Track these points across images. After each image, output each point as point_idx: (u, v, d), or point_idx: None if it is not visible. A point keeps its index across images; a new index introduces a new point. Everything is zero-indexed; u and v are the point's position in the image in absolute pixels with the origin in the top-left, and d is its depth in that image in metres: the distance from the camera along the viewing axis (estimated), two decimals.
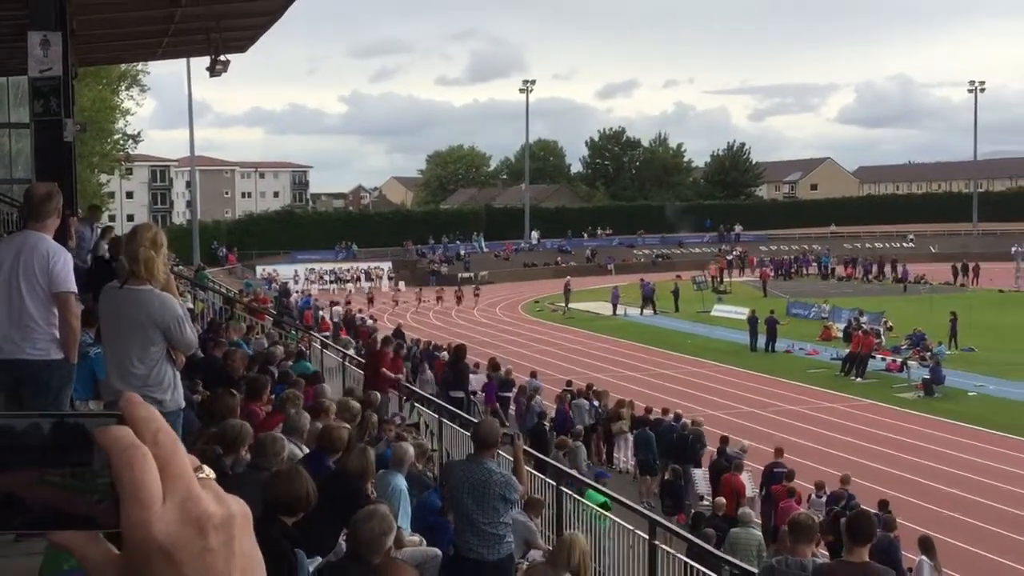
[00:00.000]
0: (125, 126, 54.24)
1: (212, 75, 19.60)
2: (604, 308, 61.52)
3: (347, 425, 9.64)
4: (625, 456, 26.33)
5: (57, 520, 0.97)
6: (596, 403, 27.91)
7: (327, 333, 38.27)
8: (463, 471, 8.96)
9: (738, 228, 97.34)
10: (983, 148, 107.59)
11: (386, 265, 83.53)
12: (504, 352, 43.05)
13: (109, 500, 0.96)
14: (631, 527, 11.48)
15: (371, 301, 63.74)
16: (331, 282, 78.21)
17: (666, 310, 60.72)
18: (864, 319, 47.55)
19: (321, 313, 49.11)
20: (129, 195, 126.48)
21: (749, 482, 21.78)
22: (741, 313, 51.75)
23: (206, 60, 19.79)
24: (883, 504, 18.67)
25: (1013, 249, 75.77)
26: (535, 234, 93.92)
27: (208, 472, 1.02)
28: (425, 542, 10.17)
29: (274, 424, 9.69)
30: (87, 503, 0.97)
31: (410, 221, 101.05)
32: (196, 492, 0.97)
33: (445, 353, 30.15)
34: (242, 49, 20.75)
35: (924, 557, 17.04)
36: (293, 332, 26.45)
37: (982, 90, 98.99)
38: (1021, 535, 22.22)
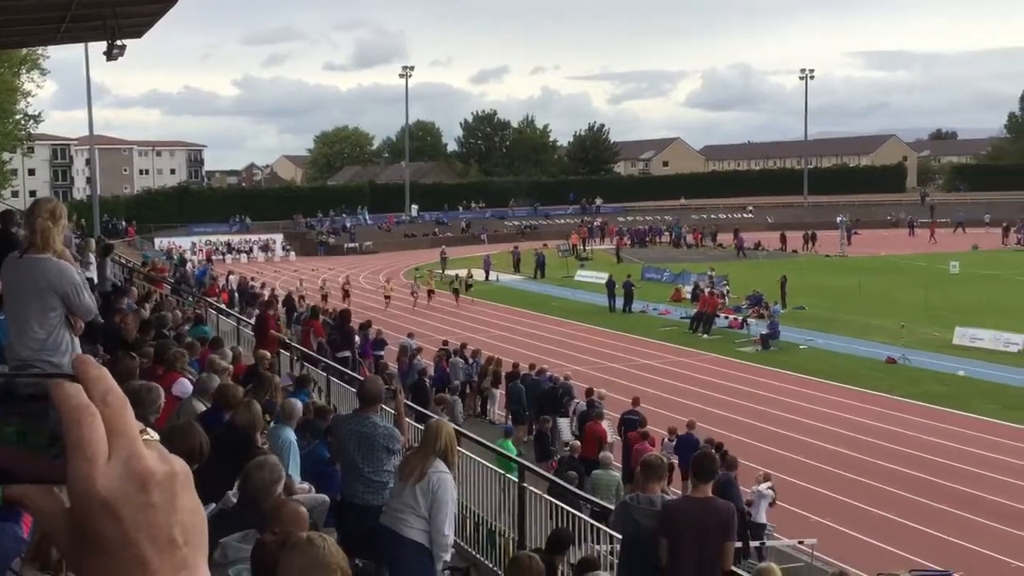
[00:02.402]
0: (27, 107, 52.28)
1: (109, 59, 19.01)
2: (478, 274, 61.68)
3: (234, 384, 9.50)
4: (497, 409, 26.50)
5: (12, 474, 0.95)
6: (472, 361, 28.02)
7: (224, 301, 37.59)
8: (349, 425, 8.92)
9: (598, 201, 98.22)
10: (812, 129, 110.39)
11: (278, 237, 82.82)
12: (386, 314, 42.83)
13: (63, 456, 0.94)
14: (502, 472, 11.55)
15: (327, 287, 62.56)
16: (225, 253, 76.97)
17: (530, 275, 61.19)
18: (716, 280, 48.45)
19: (218, 281, 48.18)
20: (31, 172, 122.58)
21: (610, 429, 22.07)
22: (601, 278, 52.33)
23: (103, 45, 19.17)
24: (719, 447, 19.03)
25: (838, 219, 77.83)
26: (415, 207, 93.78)
27: (152, 434, 0.99)
28: (314, 489, 10.10)
29: (169, 382, 9.51)
30: (42, 458, 0.94)
31: (300, 196, 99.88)
32: (140, 450, 0.95)
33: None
34: (138, 35, 20.10)
35: (759, 489, 17.57)
36: (190, 299, 25.92)
37: (812, 77, 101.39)
38: (844, 471, 22.98)
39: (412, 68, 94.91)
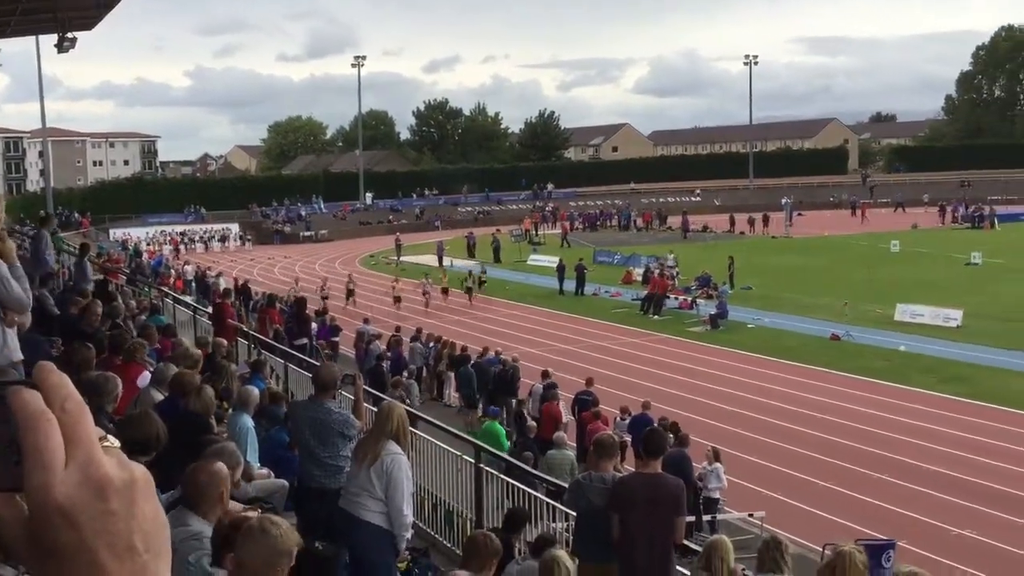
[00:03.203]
0: None
1: (60, 51, 18.77)
2: (432, 260, 61.63)
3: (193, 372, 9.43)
4: (453, 391, 26.54)
5: None
6: (427, 345, 28.02)
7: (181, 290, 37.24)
8: (306, 411, 8.89)
9: (550, 186, 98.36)
10: (757, 113, 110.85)
11: (233, 227, 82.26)
12: (343, 301, 42.63)
13: (23, 463, 0.92)
14: (459, 453, 11.55)
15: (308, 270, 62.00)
16: (182, 243, 76.31)
17: (486, 260, 61.12)
18: (668, 262, 48.61)
19: (173, 271, 47.75)
20: None
21: (565, 410, 22.13)
22: (553, 262, 52.39)
23: (55, 37, 18.90)
24: (674, 427, 19.15)
25: (783, 201, 78.51)
26: (369, 195, 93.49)
27: (113, 441, 0.98)
28: (273, 474, 10.06)
29: (128, 372, 9.41)
30: (4, 465, 0.92)
31: (254, 186, 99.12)
32: (98, 457, 0.93)
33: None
34: (88, 27, 19.86)
35: (709, 465, 17.72)
36: (146, 289, 25.65)
37: (756, 63, 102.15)
38: (791, 445, 23.25)
39: (364, 58, 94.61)
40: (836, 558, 5.60)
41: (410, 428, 8.80)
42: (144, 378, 9.79)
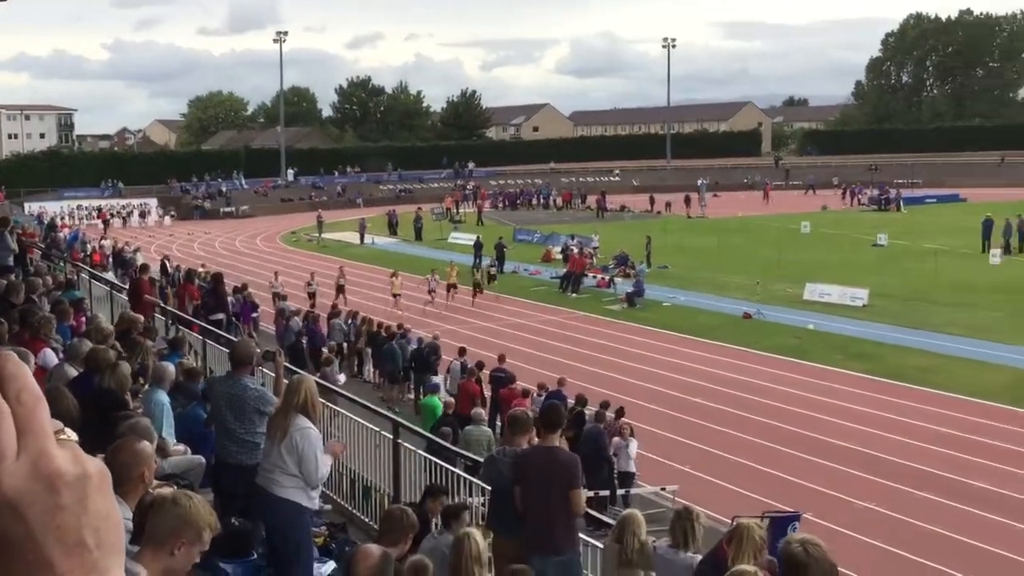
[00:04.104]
0: None
1: None
2: (353, 237, 61.30)
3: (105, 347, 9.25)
4: (371, 368, 26.50)
5: None
6: (347, 322, 27.86)
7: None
8: (222, 387, 8.79)
9: (471, 165, 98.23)
10: (675, 96, 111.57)
11: (152, 201, 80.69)
12: (263, 278, 42.12)
13: None
14: (377, 429, 11.51)
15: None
16: (99, 218, 74.60)
17: (408, 238, 61.08)
18: (593, 242, 48.89)
19: (91, 246, 46.67)
20: None
21: (485, 386, 22.17)
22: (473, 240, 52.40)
23: None
24: (620, 410, 19.33)
25: (699, 182, 79.40)
26: (291, 172, 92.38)
27: (70, 434, 0.95)
28: (190, 451, 9.94)
29: (35, 349, 9.21)
30: None
31: (173, 161, 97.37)
32: (50, 450, 0.90)
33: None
34: None
35: (621, 440, 17.90)
36: (61, 264, 25.07)
37: (674, 46, 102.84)
38: (703, 420, 23.61)
39: (286, 34, 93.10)
40: (735, 531, 5.71)
41: (322, 401, 8.72)
42: (45, 355, 9.58)
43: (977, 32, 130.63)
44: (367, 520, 10.75)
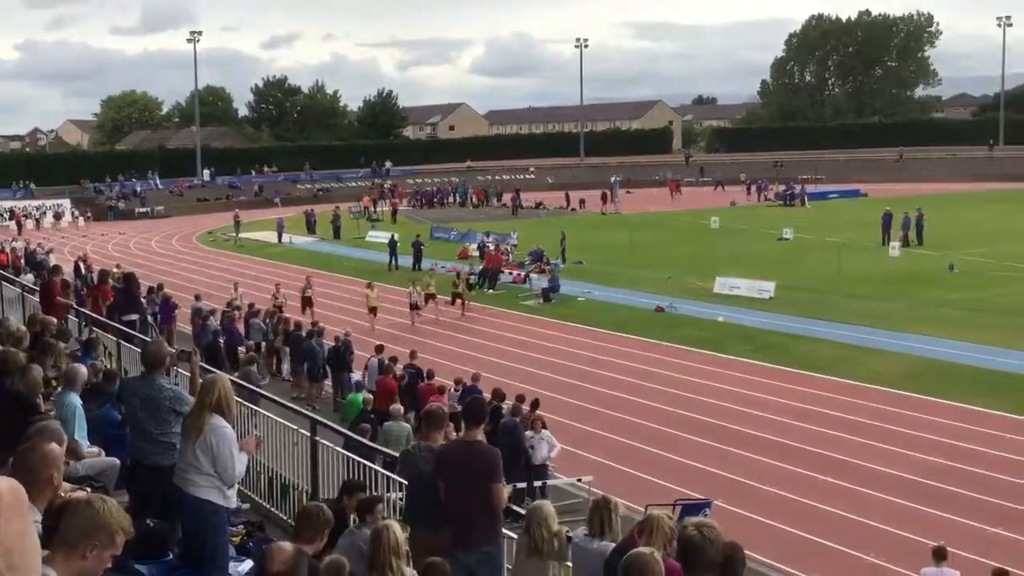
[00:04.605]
0: None
1: None
2: (271, 237, 60.61)
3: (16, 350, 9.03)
4: (288, 366, 26.26)
5: None
6: (265, 321, 27.56)
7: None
8: (136, 387, 8.64)
9: (388, 164, 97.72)
10: (588, 95, 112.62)
11: (65, 202, 78.75)
12: (180, 279, 41.48)
13: None
14: (295, 427, 11.40)
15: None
16: (12, 219, 72.58)
17: (326, 237, 60.64)
18: (511, 239, 48.97)
19: (1, 248, 45.39)
20: None
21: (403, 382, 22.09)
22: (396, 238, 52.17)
23: None
24: (534, 402, 19.37)
25: (612, 179, 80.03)
26: (207, 172, 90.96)
27: None
28: (104, 453, 9.75)
29: None
30: None
31: (87, 161, 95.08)
32: None
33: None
34: None
35: (537, 433, 17.99)
36: None
37: (586, 46, 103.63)
38: (618, 412, 23.83)
39: (200, 33, 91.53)
40: (645, 522, 5.80)
41: (237, 399, 8.62)
42: None
43: (875, 32, 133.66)
44: (285, 518, 10.64)
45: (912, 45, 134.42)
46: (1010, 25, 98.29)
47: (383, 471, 10.34)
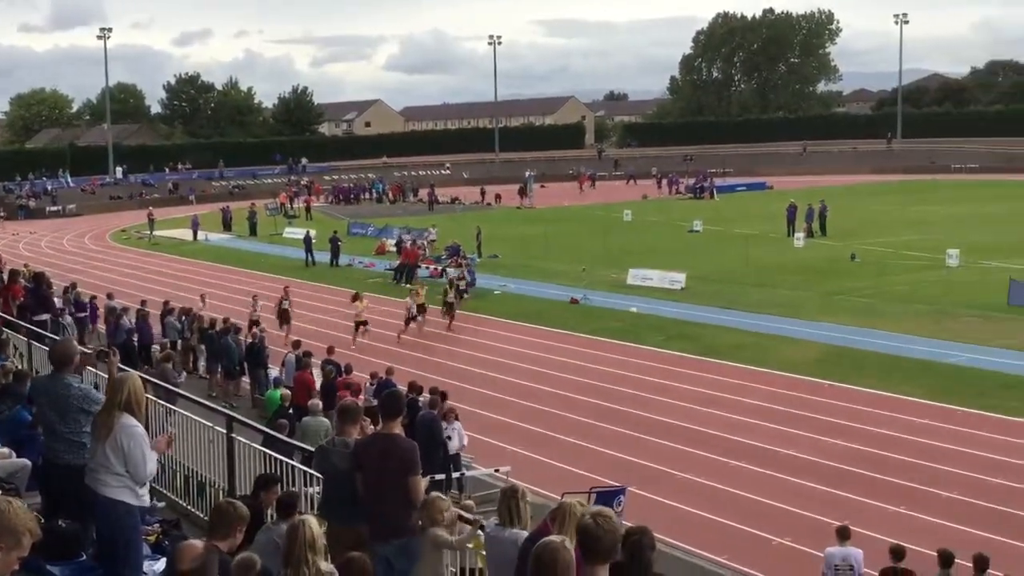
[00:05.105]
0: None
1: None
2: (186, 234, 59.56)
3: None
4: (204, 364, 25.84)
5: None
6: (180, 319, 27.09)
7: None
8: (46, 387, 8.40)
9: (304, 161, 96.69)
10: (502, 91, 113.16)
11: None
12: (93, 277, 40.54)
13: None
14: (211, 424, 11.21)
15: None
16: None
17: (242, 234, 59.86)
18: (430, 235, 48.73)
19: None
20: None
21: (319, 378, 21.86)
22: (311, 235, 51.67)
23: None
24: (443, 394, 19.26)
25: (526, 174, 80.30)
26: (120, 169, 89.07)
27: None
28: (15, 454, 9.49)
29: None
30: None
31: None
32: None
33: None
34: None
35: (449, 425, 17.96)
36: None
37: (500, 43, 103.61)
38: (533, 402, 23.90)
39: (110, 30, 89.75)
40: (558, 510, 5.82)
41: (152, 398, 8.45)
42: None
43: (779, 30, 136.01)
44: (202, 516, 10.46)
45: (814, 42, 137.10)
46: (907, 22, 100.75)
47: (301, 467, 10.23)
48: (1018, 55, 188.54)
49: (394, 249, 47.56)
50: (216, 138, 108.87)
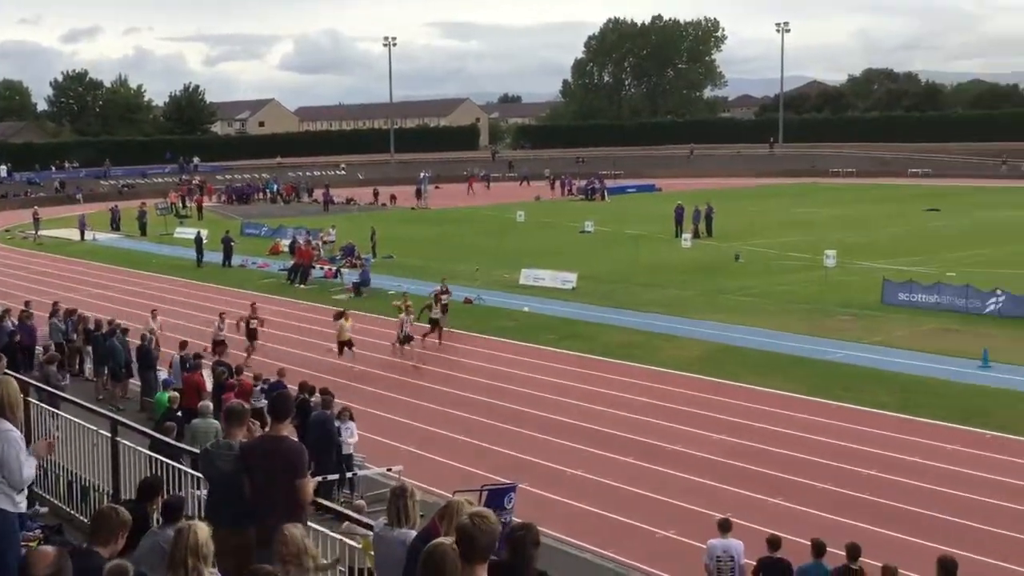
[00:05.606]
0: None
1: None
2: (73, 234, 57.83)
3: None
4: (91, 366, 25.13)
5: None
6: (65, 321, 26.25)
7: None
8: None
9: (196, 160, 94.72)
10: (397, 92, 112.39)
11: None
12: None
13: None
14: (95, 428, 10.92)
15: None
16: None
17: (132, 233, 58.39)
18: (329, 236, 48.24)
19: None
20: None
21: (209, 379, 21.47)
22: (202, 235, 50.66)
23: None
24: (324, 391, 19.04)
25: (421, 175, 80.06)
26: (4, 168, 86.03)
27: None
28: None
29: None
30: None
31: None
32: None
33: None
34: None
35: (342, 424, 17.81)
36: None
37: (395, 45, 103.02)
38: (427, 402, 23.84)
39: None
40: (446, 508, 5.83)
41: (34, 401, 8.18)
42: None
43: (667, 36, 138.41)
44: (85, 521, 10.19)
45: (700, 49, 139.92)
46: (788, 31, 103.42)
47: (189, 470, 10.03)
48: (893, 64, 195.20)
49: (287, 250, 46.96)
50: (104, 136, 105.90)
